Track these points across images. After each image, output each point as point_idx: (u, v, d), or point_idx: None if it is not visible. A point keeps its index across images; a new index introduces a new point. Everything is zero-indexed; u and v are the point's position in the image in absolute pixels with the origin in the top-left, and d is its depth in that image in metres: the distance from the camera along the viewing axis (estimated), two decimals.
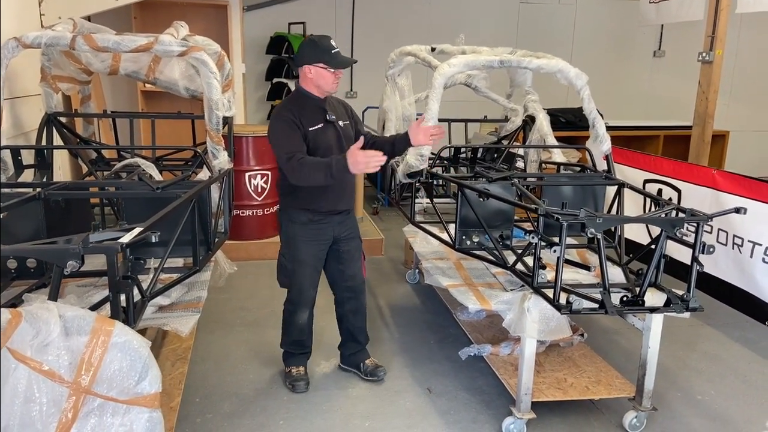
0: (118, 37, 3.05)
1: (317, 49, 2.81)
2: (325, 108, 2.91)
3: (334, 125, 2.90)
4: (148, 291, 2.33)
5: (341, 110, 3.03)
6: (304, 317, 3.08)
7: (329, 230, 2.98)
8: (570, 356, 3.23)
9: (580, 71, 3.60)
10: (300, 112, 2.83)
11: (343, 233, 3.03)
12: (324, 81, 2.83)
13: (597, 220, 2.29)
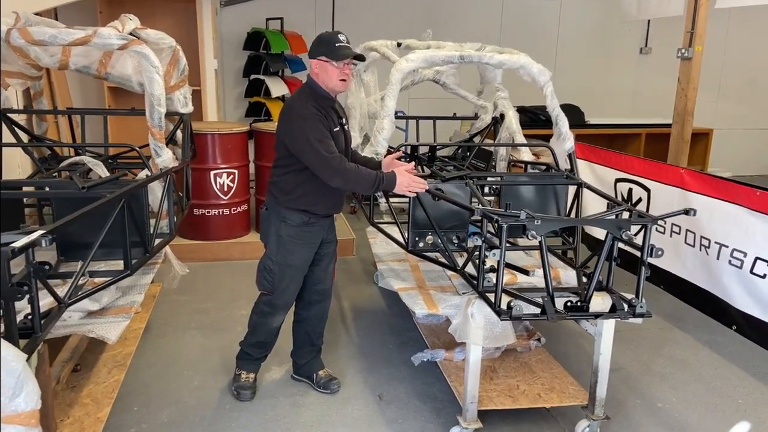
0: (54, 30, 2.94)
1: (322, 42, 2.68)
2: (337, 109, 2.81)
3: (343, 129, 2.81)
4: (66, 297, 2.22)
5: (343, 113, 2.92)
6: (280, 321, 2.97)
7: (320, 233, 2.87)
8: (526, 362, 3.12)
9: (544, 67, 3.48)
10: (323, 112, 2.66)
11: (328, 236, 2.94)
12: (327, 76, 2.66)
13: (536, 221, 2.17)
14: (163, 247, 3.06)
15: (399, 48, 4.30)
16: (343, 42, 2.66)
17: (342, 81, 2.68)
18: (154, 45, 3.65)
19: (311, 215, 2.79)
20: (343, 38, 2.67)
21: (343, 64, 2.64)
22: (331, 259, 3.01)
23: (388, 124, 3.28)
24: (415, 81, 4.52)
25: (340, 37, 2.66)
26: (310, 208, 2.78)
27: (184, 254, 4.85)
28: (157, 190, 3.08)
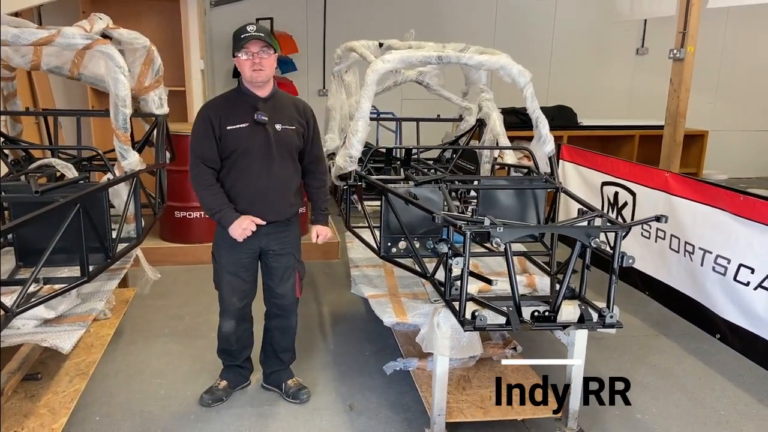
0: (17, 30, 2.86)
1: (233, 39, 2.61)
2: (256, 107, 2.66)
3: (263, 127, 2.64)
4: (14, 305, 2.14)
5: (289, 113, 2.72)
6: (228, 326, 2.89)
7: (253, 240, 2.70)
8: (501, 371, 3.03)
9: (524, 68, 3.39)
10: (223, 109, 2.66)
11: (271, 247, 2.78)
12: (242, 70, 2.62)
13: (498, 228, 2.08)
14: (128, 252, 2.98)
15: (381, 48, 4.22)
16: (249, 32, 2.57)
17: (256, 71, 2.58)
18: (127, 45, 3.58)
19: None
20: (251, 28, 2.58)
21: (251, 54, 2.57)
22: (285, 273, 2.84)
23: (362, 125, 3.20)
24: (397, 82, 4.44)
25: (248, 28, 2.59)
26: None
27: (165, 257, 4.81)
28: (123, 194, 3.01)
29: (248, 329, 2.99)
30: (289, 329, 2.99)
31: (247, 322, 2.98)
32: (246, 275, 2.83)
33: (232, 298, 2.84)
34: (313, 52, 7.94)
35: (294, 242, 2.88)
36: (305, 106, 2.82)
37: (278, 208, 2.76)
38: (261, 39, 2.56)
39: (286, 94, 2.83)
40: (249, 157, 2.65)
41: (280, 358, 3.02)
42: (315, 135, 2.84)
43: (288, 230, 2.84)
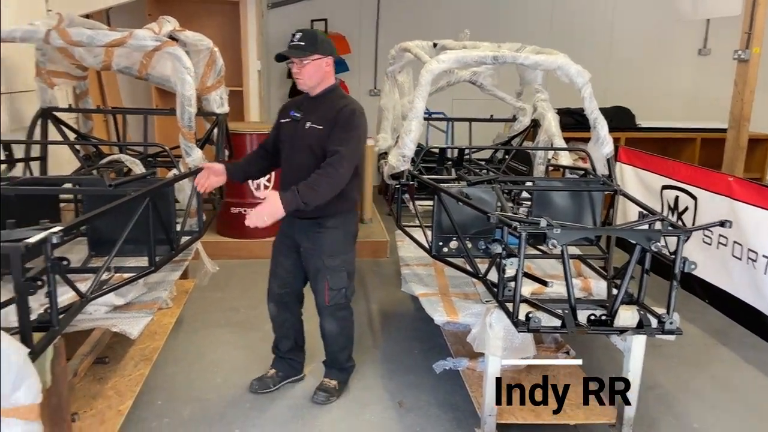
0: (92, 32, 3.04)
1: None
2: (299, 105, 2.84)
3: (296, 123, 2.78)
4: (89, 291, 2.28)
5: (324, 113, 2.72)
6: (270, 309, 3.03)
7: (291, 230, 2.87)
8: (554, 374, 3.00)
9: (582, 69, 3.35)
10: (288, 106, 2.92)
11: (304, 243, 2.84)
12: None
13: (555, 230, 2.07)
14: (191, 244, 3.11)
15: (435, 48, 4.24)
16: (293, 41, 2.67)
17: (298, 79, 2.73)
18: (192, 46, 3.73)
19: None
20: (296, 37, 2.68)
21: (292, 63, 2.70)
22: (316, 276, 2.83)
23: (415, 125, 3.23)
24: (450, 82, 4.44)
25: (293, 37, 2.68)
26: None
27: (221, 251, 4.96)
28: (188, 189, 3.14)
29: (289, 320, 3.04)
30: (323, 331, 2.97)
31: (288, 312, 3.02)
32: (285, 262, 2.93)
33: (272, 282, 2.99)
34: (365, 53, 8.02)
35: (327, 247, 2.79)
36: (343, 109, 2.70)
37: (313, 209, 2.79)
38: (296, 48, 2.66)
39: (335, 97, 2.78)
40: (283, 149, 2.84)
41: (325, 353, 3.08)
42: (339, 132, 2.67)
43: (320, 232, 2.80)
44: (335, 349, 3.03)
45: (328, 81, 2.78)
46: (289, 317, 3.05)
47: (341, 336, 3.00)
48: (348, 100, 2.80)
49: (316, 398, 2.96)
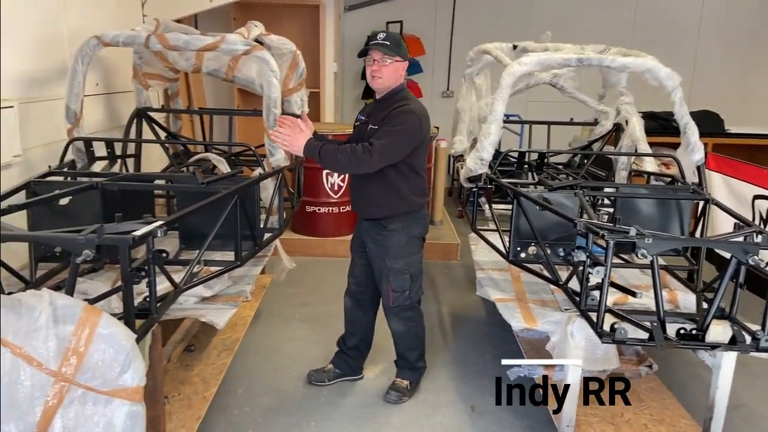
0: (188, 37, 3.20)
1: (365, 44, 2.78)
2: (368, 108, 2.92)
3: (363, 126, 2.84)
4: (182, 282, 2.41)
5: (384, 113, 2.72)
6: (345, 302, 3.13)
7: (360, 231, 2.97)
8: (634, 389, 2.90)
9: (672, 72, 3.23)
10: (361, 111, 2.99)
11: (368, 243, 2.89)
12: (367, 74, 2.80)
13: (646, 239, 2.00)
14: (272, 241, 3.21)
15: (515, 50, 4.19)
16: (376, 40, 2.67)
17: (374, 78, 2.71)
18: (276, 50, 3.86)
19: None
20: (380, 36, 2.69)
21: (372, 60, 2.68)
22: (380, 277, 2.88)
23: (495, 129, 3.21)
24: (530, 84, 4.37)
25: (377, 36, 2.70)
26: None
27: (294, 248, 5.10)
28: (270, 188, 3.25)
29: (360, 318, 3.10)
30: (392, 331, 3.01)
31: (361, 311, 3.08)
32: (359, 261, 3.01)
33: (350, 279, 3.08)
34: (439, 54, 8.02)
35: (390, 250, 2.81)
36: (398, 107, 2.68)
37: (363, 204, 2.87)
38: (383, 47, 2.66)
39: (398, 98, 2.75)
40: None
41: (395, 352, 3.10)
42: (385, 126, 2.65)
43: (384, 234, 2.81)
44: (403, 348, 3.06)
45: (398, 85, 2.78)
46: (361, 316, 3.10)
47: (408, 335, 3.01)
48: (408, 101, 2.73)
49: (388, 397, 2.99)
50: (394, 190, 2.76)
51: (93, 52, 3.13)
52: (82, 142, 3.13)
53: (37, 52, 3.24)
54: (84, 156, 3.16)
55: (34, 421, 1.54)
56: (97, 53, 3.20)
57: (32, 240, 2.20)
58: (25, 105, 3.07)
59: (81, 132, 3.21)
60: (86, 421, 1.55)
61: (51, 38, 3.38)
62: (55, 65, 3.40)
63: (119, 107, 4.25)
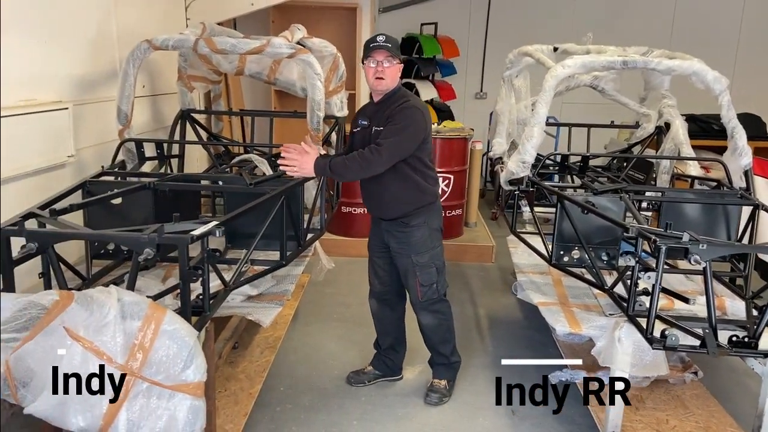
0: (234, 40, 3.26)
1: (364, 47, 2.77)
2: (367, 111, 2.89)
3: (365, 131, 2.82)
4: (231, 281, 2.46)
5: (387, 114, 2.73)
6: (371, 305, 3.14)
7: (379, 231, 2.96)
8: (679, 395, 2.87)
9: (720, 75, 3.18)
10: (358, 114, 2.97)
11: (390, 243, 2.90)
12: (367, 77, 2.79)
13: (701, 245, 1.98)
14: (314, 241, 3.26)
15: (555, 53, 4.16)
16: (378, 42, 2.67)
17: (377, 79, 2.69)
18: (317, 52, 3.91)
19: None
20: (380, 38, 2.69)
21: (376, 61, 2.67)
22: (407, 274, 2.89)
23: (537, 132, 3.20)
24: (570, 86, 4.34)
25: (378, 38, 2.69)
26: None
27: (331, 249, 5.13)
28: (312, 189, 3.30)
29: (390, 317, 3.12)
30: (422, 327, 3.02)
31: (388, 309, 3.10)
32: (381, 263, 3.02)
33: (373, 280, 3.09)
34: (473, 56, 8.00)
35: (415, 246, 2.84)
36: (400, 105, 2.71)
37: (382, 206, 2.87)
38: (386, 49, 2.67)
39: (397, 97, 2.76)
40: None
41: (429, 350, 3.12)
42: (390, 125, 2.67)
43: (406, 232, 2.84)
44: (436, 342, 3.05)
45: (395, 86, 2.80)
46: (389, 314, 3.13)
47: (440, 328, 3.02)
48: (408, 98, 2.77)
49: (429, 400, 3.01)
50: (414, 184, 2.80)
51: (144, 56, 3.22)
52: (132, 143, 3.22)
53: (89, 55, 3.35)
54: (134, 156, 3.25)
55: (100, 414, 1.60)
56: (148, 57, 3.28)
57: (98, 239, 2.28)
58: (79, 107, 3.17)
59: (131, 133, 3.30)
60: (150, 414, 1.61)
61: (102, 41, 3.49)
62: (106, 68, 3.51)
63: (163, 108, 4.35)
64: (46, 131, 2.88)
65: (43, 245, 1.92)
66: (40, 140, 2.85)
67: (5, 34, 2.63)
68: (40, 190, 2.77)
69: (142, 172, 3.13)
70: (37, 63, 2.88)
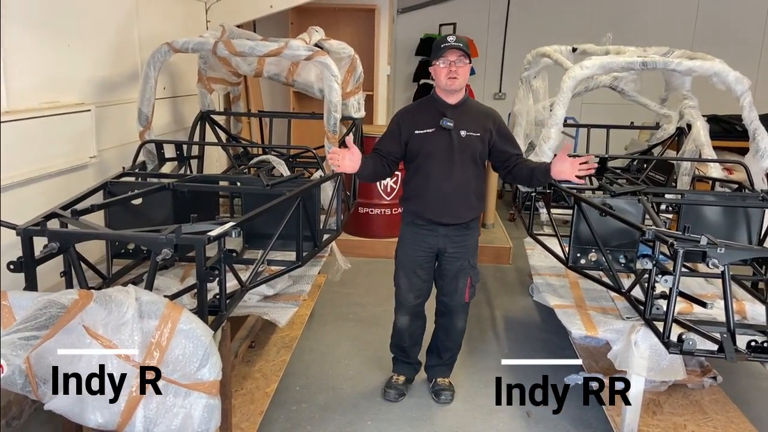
0: (252, 43, 3.30)
1: (434, 47, 2.75)
2: (444, 113, 2.74)
3: (449, 132, 2.73)
4: (248, 281, 2.49)
5: (478, 120, 2.76)
6: (403, 321, 3.03)
7: (431, 239, 2.83)
8: (697, 400, 2.83)
9: (741, 75, 3.14)
10: (412, 115, 2.83)
11: (448, 248, 2.84)
12: (437, 77, 2.73)
13: (719, 249, 1.96)
14: (330, 242, 3.28)
15: (574, 53, 4.14)
16: (449, 42, 2.66)
17: (450, 79, 2.67)
18: (335, 54, 3.94)
19: (416, 217, 2.84)
20: (451, 39, 2.68)
21: (449, 62, 2.66)
22: (458, 275, 2.88)
23: (555, 133, 3.19)
24: (589, 87, 4.30)
25: (449, 39, 2.68)
26: (415, 210, 2.84)
27: (348, 249, 5.17)
28: (329, 190, 3.32)
29: (421, 326, 3.11)
30: (453, 331, 3.03)
31: (420, 319, 3.08)
32: (423, 273, 2.92)
33: (408, 295, 2.95)
34: (491, 56, 7.98)
35: (471, 247, 2.89)
36: (494, 115, 2.84)
37: (456, 212, 2.80)
38: (460, 49, 2.66)
39: (476, 103, 2.88)
40: (431, 160, 2.74)
41: (440, 356, 3.11)
42: (510, 136, 2.86)
43: (466, 234, 2.87)
44: (457, 346, 3.09)
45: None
46: (421, 324, 3.10)
47: (464, 333, 3.08)
48: (484, 105, 2.92)
49: (444, 398, 3.02)
50: (481, 192, 2.91)
51: (164, 59, 3.27)
52: (153, 144, 3.27)
53: (111, 57, 3.41)
54: (154, 157, 3.31)
55: (118, 411, 1.64)
56: (167, 59, 3.34)
57: (118, 239, 2.33)
58: (101, 108, 3.24)
59: (151, 135, 3.35)
60: (166, 412, 1.64)
61: (124, 44, 3.56)
62: (127, 70, 3.58)
63: (183, 110, 4.42)
64: (68, 133, 2.95)
65: (64, 245, 1.97)
66: (63, 142, 2.91)
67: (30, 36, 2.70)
68: (63, 190, 2.84)
69: (161, 173, 3.18)
70: (60, 65, 2.95)
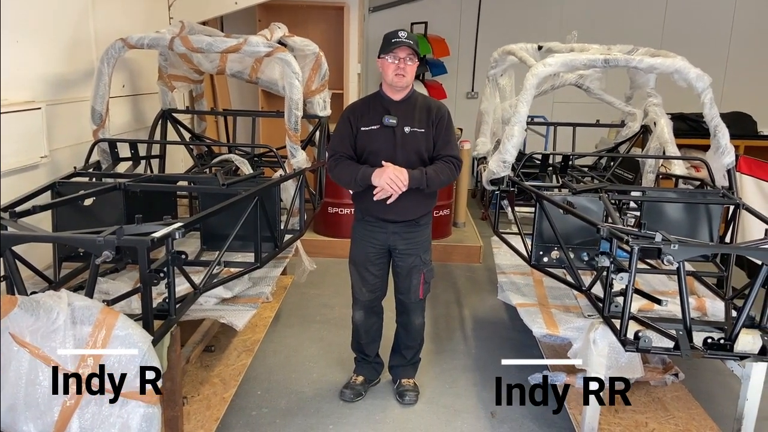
0: (211, 39, 3.22)
1: (383, 40, 2.71)
2: (388, 110, 2.73)
3: (392, 129, 2.70)
4: (201, 284, 2.42)
5: (420, 115, 2.74)
6: (358, 317, 3.02)
7: (381, 235, 2.82)
8: (660, 397, 2.83)
9: (702, 72, 3.14)
10: (362, 111, 2.79)
11: (398, 245, 2.82)
12: (384, 72, 2.70)
13: (672, 245, 1.94)
14: (292, 243, 3.22)
15: (540, 51, 4.12)
16: (400, 38, 2.63)
17: (398, 76, 2.65)
18: (299, 51, 3.87)
19: (366, 214, 2.83)
20: (402, 34, 2.65)
21: (398, 58, 2.63)
22: (411, 272, 2.86)
23: (518, 131, 3.16)
24: (555, 86, 4.31)
25: (400, 34, 2.65)
26: (362, 206, 2.83)
27: (318, 249, 5.11)
28: (291, 189, 3.26)
29: (377, 324, 3.07)
30: (412, 328, 3.01)
31: (376, 316, 3.05)
32: (374, 269, 2.90)
33: (361, 290, 2.94)
34: (463, 55, 7.97)
35: (422, 244, 2.87)
36: (439, 109, 2.78)
37: (402, 209, 2.75)
38: (410, 47, 2.64)
39: (421, 97, 2.82)
40: (376, 157, 2.71)
41: (402, 355, 3.08)
42: (446, 135, 2.76)
43: (416, 231, 2.84)
44: (418, 344, 3.08)
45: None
46: (377, 321, 3.08)
47: (423, 327, 3.06)
48: (432, 99, 2.87)
49: (408, 400, 2.98)
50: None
51: (118, 55, 3.17)
52: (107, 144, 3.18)
53: (64, 54, 3.30)
54: (109, 157, 3.21)
55: (51, 421, 1.56)
56: (124, 55, 3.24)
57: (53, 240, 2.23)
58: (53, 106, 3.13)
59: (107, 133, 3.25)
60: (102, 422, 1.57)
61: (79, 40, 3.44)
62: (82, 67, 3.46)
63: (145, 108, 4.31)
64: (18, 132, 2.84)
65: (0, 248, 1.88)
66: (11, 141, 2.80)
67: None
68: (11, 191, 2.73)
69: (116, 173, 3.08)
70: (9, 63, 2.84)
